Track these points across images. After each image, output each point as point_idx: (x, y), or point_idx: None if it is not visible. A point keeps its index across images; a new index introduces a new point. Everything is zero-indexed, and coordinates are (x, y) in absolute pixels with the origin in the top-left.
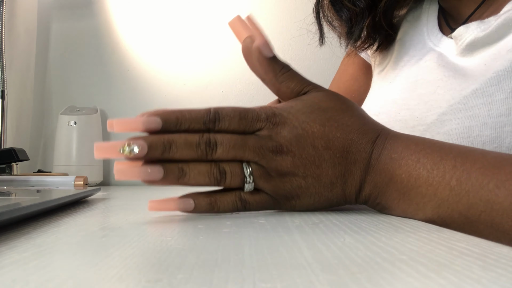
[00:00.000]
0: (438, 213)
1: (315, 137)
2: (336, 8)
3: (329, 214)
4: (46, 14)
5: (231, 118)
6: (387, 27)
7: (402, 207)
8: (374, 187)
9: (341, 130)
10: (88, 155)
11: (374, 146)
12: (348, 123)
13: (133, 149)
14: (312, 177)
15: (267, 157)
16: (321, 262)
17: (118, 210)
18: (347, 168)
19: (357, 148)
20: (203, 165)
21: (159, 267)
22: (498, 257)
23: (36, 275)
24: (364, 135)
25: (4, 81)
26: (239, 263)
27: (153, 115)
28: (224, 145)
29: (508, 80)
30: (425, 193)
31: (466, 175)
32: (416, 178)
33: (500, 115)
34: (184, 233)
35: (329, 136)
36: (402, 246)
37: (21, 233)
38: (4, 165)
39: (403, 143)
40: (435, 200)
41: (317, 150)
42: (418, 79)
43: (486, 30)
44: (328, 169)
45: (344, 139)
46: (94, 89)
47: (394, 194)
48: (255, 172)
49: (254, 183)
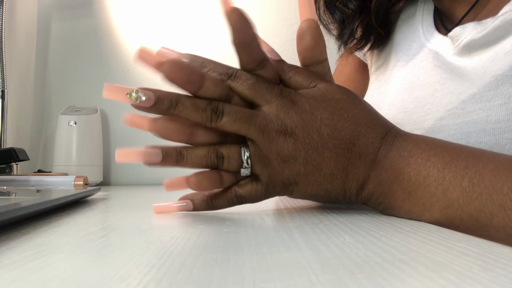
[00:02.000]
0: (446, 214)
1: (323, 124)
2: (330, 10)
3: (329, 214)
4: (46, 14)
5: (247, 79)
6: (379, 27)
7: (407, 207)
8: (379, 185)
9: (350, 121)
10: (88, 155)
11: (383, 142)
12: (358, 116)
13: (140, 96)
14: (313, 165)
15: (270, 136)
16: (321, 262)
17: (118, 210)
18: (351, 161)
19: (365, 141)
20: (201, 149)
21: (159, 267)
22: (498, 257)
23: (36, 275)
24: (373, 129)
25: (4, 81)
26: (239, 263)
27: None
28: (230, 115)
29: (507, 85)
30: (433, 192)
31: (479, 177)
32: (425, 177)
33: (499, 121)
34: (184, 233)
35: (337, 125)
36: (402, 246)
37: (21, 233)
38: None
39: (413, 142)
40: (444, 200)
41: (322, 137)
42: (415, 81)
43: (483, 31)
44: (330, 159)
45: (352, 130)
46: (94, 89)
47: (400, 193)
48: (253, 157)
49: (251, 168)
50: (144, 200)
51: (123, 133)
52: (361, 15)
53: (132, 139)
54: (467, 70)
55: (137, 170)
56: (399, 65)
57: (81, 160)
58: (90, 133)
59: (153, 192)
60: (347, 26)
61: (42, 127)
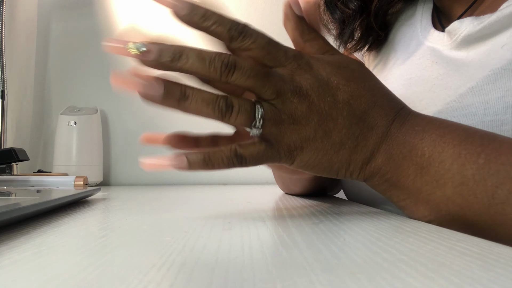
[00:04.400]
0: (460, 191)
1: (339, 89)
2: (330, 10)
3: (329, 214)
4: (46, 14)
5: (259, 39)
6: (378, 28)
7: (417, 184)
8: (388, 159)
9: (366, 90)
10: (88, 155)
11: (397, 116)
12: (374, 88)
13: (140, 47)
14: (323, 131)
15: (284, 97)
16: (321, 262)
17: (118, 210)
18: (362, 132)
19: (379, 112)
20: (210, 93)
21: (159, 267)
22: (498, 257)
23: (36, 275)
24: (388, 102)
25: (4, 81)
26: (239, 263)
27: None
28: (243, 70)
29: (505, 78)
30: (448, 168)
31: (495, 154)
32: (440, 152)
33: (497, 114)
34: (184, 233)
35: (353, 93)
36: (402, 246)
37: (21, 233)
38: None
39: (427, 119)
40: (458, 177)
41: (337, 103)
42: (413, 77)
43: (480, 25)
44: (342, 127)
45: (368, 99)
46: (94, 89)
47: (411, 169)
48: (267, 114)
49: (261, 128)
50: (144, 200)
51: (123, 133)
52: (361, 16)
53: (132, 139)
54: (464, 63)
55: (137, 170)
56: (398, 63)
57: (81, 160)
58: (90, 133)
59: (153, 192)
60: (347, 26)
61: (42, 127)
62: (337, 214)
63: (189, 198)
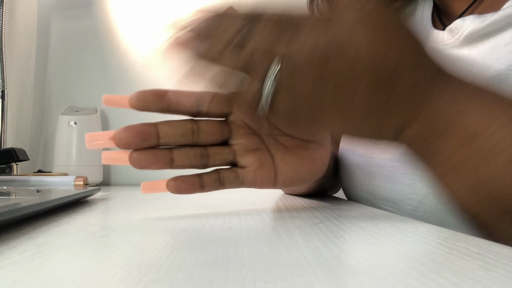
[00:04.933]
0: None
1: (359, 50)
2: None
3: (329, 214)
4: (46, 14)
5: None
6: None
7: (461, 156)
8: (430, 125)
9: (393, 49)
10: (88, 155)
11: (437, 76)
12: (405, 46)
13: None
14: (342, 98)
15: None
16: (321, 262)
17: (118, 210)
18: (392, 95)
19: (413, 75)
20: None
21: (159, 267)
22: (498, 257)
23: (36, 275)
24: (425, 60)
25: (4, 81)
26: (239, 263)
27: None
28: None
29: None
30: (498, 141)
31: None
32: (491, 123)
33: None
34: (184, 233)
35: (378, 53)
36: (402, 246)
37: (21, 233)
38: (4, 165)
39: (472, 85)
40: (509, 151)
41: (357, 62)
42: None
43: (484, 22)
44: (364, 92)
45: (396, 58)
46: (94, 89)
47: (455, 138)
48: (284, 67)
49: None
50: (144, 200)
51: None
52: None
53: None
54: (466, 61)
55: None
56: None
57: (81, 160)
58: None
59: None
60: None
61: (42, 127)
62: (337, 214)
63: (189, 198)
